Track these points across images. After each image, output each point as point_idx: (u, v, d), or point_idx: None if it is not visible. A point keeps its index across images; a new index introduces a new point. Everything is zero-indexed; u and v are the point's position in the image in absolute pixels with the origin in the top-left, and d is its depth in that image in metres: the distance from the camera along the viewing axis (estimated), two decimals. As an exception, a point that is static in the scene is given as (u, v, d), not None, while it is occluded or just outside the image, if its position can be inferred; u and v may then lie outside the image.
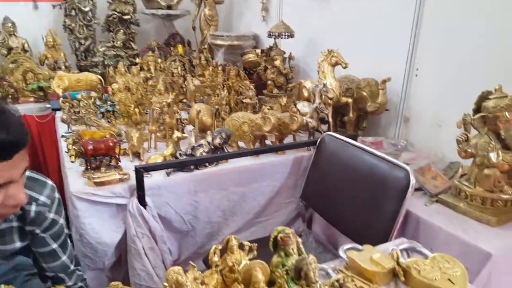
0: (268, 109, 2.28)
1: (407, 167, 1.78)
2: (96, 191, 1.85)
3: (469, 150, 1.78)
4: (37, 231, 1.22)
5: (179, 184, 2.03)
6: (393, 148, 2.42)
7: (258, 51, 3.18)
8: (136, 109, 2.47)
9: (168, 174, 2.01)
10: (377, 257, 1.17)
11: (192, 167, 2.07)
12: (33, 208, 1.17)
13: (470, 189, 1.80)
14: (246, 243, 1.04)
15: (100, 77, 2.96)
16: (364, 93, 2.48)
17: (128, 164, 2.07)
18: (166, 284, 0.86)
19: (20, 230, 1.20)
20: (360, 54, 2.57)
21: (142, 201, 1.87)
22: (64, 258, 1.31)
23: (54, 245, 1.27)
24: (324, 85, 2.39)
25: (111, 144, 1.97)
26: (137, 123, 2.49)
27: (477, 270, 1.51)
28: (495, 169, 1.73)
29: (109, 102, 2.53)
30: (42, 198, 1.19)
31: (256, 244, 1.04)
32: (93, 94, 2.73)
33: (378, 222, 1.78)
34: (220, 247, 1.03)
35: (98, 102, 2.57)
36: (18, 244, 1.22)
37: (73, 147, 2.01)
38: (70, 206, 1.87)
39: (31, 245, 1.26)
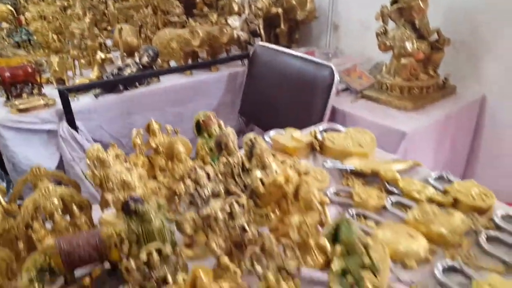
0: (196, 21, 2.21)
1: (331, 65, 1.86)
2: (21, 117, 1.76)
3: (387, 43, 1.87)
4: None
5: (110, 106, 1.98)
6: (324, 57, 2.48)
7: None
8: (55, 36, 2.29)
9: (96, 96, 1.94)
10: (297, 135, 1.25)
11: (121, 88, 2.00)
12: None
13: (390, 80, 1.93)
14: (169, 126, 1.07)
15: (10, 7, 2.66)
16: (293, 2, 2.46)
17: (54, 92, 1.97)
18: (88, 161, 0.88)
19: None
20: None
21: (73, 125, 1.81)
22: None
23: None
24: (252, -6, 2.33)
25: (29, 70, 1.84)
26: (58, 51, 2.32)
27: (395, 147, 1.67)
28: (411, 58, 1.85)
29: (24, 31, 2.31)
30: None
31: (179, 129, 1.07)
32: (5, 25, 2.47)
33: (309, 119, 1.87)
34: (141, 130, 1.05)
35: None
36: None
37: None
38: (-5, 137, 1.78)
39: None
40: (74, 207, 0.85)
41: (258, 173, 0.91)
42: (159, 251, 0.70)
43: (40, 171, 0.88)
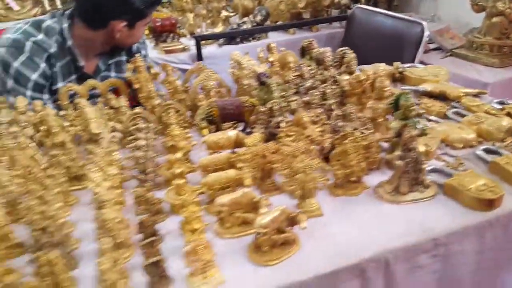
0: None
1: (422, 22, 2.08)
2: (166, 57, 2.34)
3: (480, 3, 2.02)
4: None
5: (229, 55, 2.46)
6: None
7: None
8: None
9: (220, 45, 2.44)
10: (382, 66, 1.55)
11: (238, 39, 2.48)
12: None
13: (480, 39, 2.07)
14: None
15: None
16: (394, -31, 2.67)
17: (187, 42, 2.53)
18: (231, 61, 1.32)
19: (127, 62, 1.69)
20: None
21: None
22: None
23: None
24: (355, -38, 2.61)
25: (173, 21, 2.42)
26: (190, 11, 2.89)
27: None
28: (502, 17, 1.97)
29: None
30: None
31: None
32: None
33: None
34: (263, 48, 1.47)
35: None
36: (123, 74, 1.72)
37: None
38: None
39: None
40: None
41: (345, 76, 1.27)
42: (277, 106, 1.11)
43: (201, 65, 1.36)
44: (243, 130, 1.19)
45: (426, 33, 2.04)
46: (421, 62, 2.12)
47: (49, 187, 0.95)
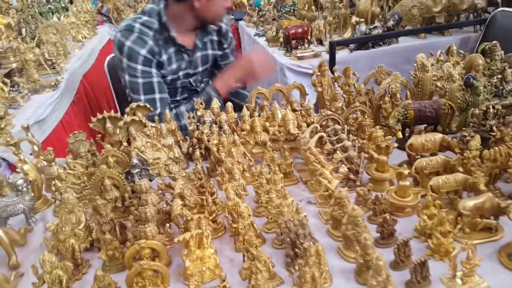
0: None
1: None
2: (299, 63, 2.41)
3: None
4: (225, 45, 1.82)
5: (359, 60, 2.47)
6: None
7: None
8: (313, 7, 2.92)
9: (351, 50, 2.45)
10: None
11: (370, 44, 2.46)
12: (224, 26, 1.80)
13: None
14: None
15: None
16: (541, -31, 2.47)
17: (314, 48, 2.58)
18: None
19: (218, 43, 1.81)
20: None
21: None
22: None
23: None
24: (496, -36, 2.46)
25: (306, 28, 2.48)
26: (312, 19, 2.95)
27: None
28: None
29: (289, 4, 3.05)
30: (226, 21, 1.80)
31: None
32: (272, 0, 3.26)
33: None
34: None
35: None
36: (218, 52, 1.82)
37: (279, 34, 2.57)
38: (280, 76, 2.48)
39: (219, 59, 1.84)
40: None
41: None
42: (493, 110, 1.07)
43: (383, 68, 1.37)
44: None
45: None
46: None
47: (275, 182, 1.02)
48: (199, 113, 1.29)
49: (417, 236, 0.91)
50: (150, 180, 1.05)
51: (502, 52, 1.40)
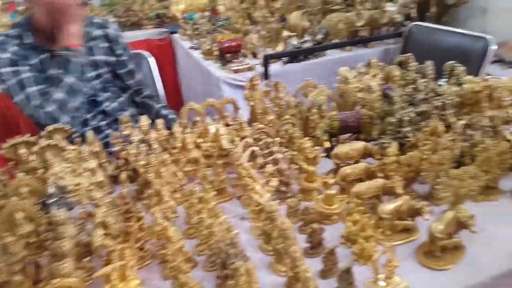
0: (361, 6, 2.67)
1: (487, 36, 2.13)
2: (235, 76, 2.43)
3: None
4: (119, 51, 1.76)
5: (292, 72, 2.55)
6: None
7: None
8: (246, 21, 2.98)
9: (284, 63, 2.53)
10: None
11: (301, 58, 2.56)
12: (112, 31, 1.75)
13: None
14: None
15: (206, 1, 3.50)
16: (446, -13, 2.75)
17: (249, 61, 2.62)
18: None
19: (110, 49, 1.74)
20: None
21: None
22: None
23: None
24: (408, -18, 2.70)
25: (240, 42, 2.52)
26: (246, 33, 3.01)
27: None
28: None
29: (223, 18, 3.08)
30: (114, 27, 1.77)
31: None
32: (206, 13, 3.27)
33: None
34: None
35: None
36: (110, 58, 1.74)
37: (213, 47, 2.58)
38: (216, 90, 2.49)
39: (116, 66, 1.77)
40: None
41: (454, 88, 1.32)
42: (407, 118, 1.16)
43: (311, 81, 1.43)
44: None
45: (493, 47, 2.10)
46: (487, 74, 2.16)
47: (207, 201, 1.01)
48: (125, 132, 1.25)
49: (344, 243, 0.95)
50: (70, 209, 0.98)
51: (417, 63, 1.52)
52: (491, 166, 1.03)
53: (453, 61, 1.37)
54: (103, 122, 1.72)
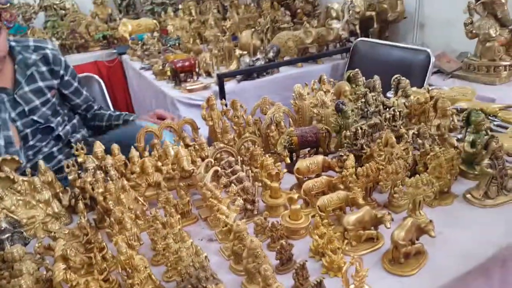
0: (308, 24, 2.78)
1: (428, 49, 2.31)
2: (191, 95, 2.42)
3: (474, 31, 2.29)
4: (61, 72, 1.67)
5: (246, 90, 2.59)
6: (412, 50, 2.92)
7: (285, -15, 3.61)
8: (198, 41, 2.99)
9: (238, 81, 2.56)
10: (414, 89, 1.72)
11: (255, 75, 2.61)
12: (49, 52, 1.65)
13: (477, 62, 2.33)
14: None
15: (155, 21, 3.47)
16: (385, 5, 2.95)
17: (203, 80, 2.62)
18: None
19: (51, 72, 1.65)
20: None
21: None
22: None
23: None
24: (351, 1, 2.87)
25: (193, 61, 2.52)
26: (198, 52, 3.01)
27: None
28: (495, 41, 2.24)
29: (175, 37, 3.06)
30: (50, 46, 1.70)
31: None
32: (156, 34, 3.24)
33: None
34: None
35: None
36: (54, 81, 1.65)
37: (166, 67, 2.55)
38: (172, 109, 2.45)
39: (60, 88, 1.68)
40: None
41: (402, 100, 1.41)
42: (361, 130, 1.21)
43: (267, 98, 1.45)
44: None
45: (433, 59, 2.28)
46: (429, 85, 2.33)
47: (172, 225, 0.98)
48: (79, 159, 1.19)
49: (313, 256, 0.96)
50: (26, 244, 0.91)
51: (364, 78, 1.60)
52: (442, 172, 1.10)
53: (398, 75, 1.46)
54: (55, 148, 1.62)
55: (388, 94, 1.77)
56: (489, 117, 1.51)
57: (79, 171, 1.16)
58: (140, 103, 3.33)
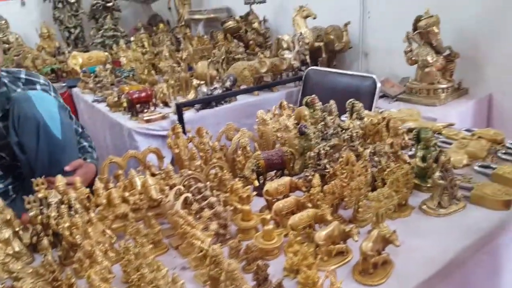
0: (262, 54, 2.90)
1: (373, 75, 2.50)
2: (148, 126, 2.39)
3: (413, 58, 2.53)
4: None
5: (206, 118, 2.61)
6: (358, 77, 3.14)
7: (238, 18, 3.76)
8: (152, 71, 3.00)
9: (197, 110, 2.58)
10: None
11: (213, 104, 2.65)
12: (39, 86, 1.60)
13: (418, 86, 2.56)
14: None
15: (107, 53, 3.43)
16: (331, 37, 3.17)
17: (161, 110, 2.62)
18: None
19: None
20: (321, 7, 3.23)
21: (184, 131, 2.44)
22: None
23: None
24: (301, 33, 3.05)
25: (149, 92, 2.51)
26: (153, 83, 3.01)
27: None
28: (433, 67, 2.48)
29: (128, 69, 3.04)
30: (42, 81, 1.65)
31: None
32: (108, 66, 3.20)
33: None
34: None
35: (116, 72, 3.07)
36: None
37: (122, 99, 2.51)
38: (129, 141, 2.40)
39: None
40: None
41: (357, 122, 1.51)
42: (323, 151, 1.28)
43: (232, 125, 1.49)
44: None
45: (379, 84, 2.46)
46: (378, 108, 2.50)
47: (145, 255, 0.96)
48: (40, 195, 1.13)
49: (288, 275, 0.98)
50: (-15, 288, 0.84)
51: (321, 103, 1.70)
52: (399, 186, 1.18)
53: (353, 99, 1.57)
54: (10, 186, 1.53)
55: (343, 118, 1.88)
56: (435, 134, 1.66)
57: (40, 207, 1.10)
58: (93, 136, 3.22)
